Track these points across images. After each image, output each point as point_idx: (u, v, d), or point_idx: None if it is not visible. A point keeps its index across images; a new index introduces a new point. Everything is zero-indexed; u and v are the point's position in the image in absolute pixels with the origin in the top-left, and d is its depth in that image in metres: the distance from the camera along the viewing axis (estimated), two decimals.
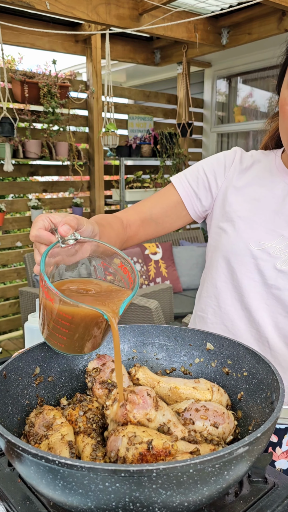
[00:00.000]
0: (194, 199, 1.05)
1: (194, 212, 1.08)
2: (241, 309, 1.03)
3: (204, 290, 1.10)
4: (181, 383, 0.75)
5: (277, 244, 0.94)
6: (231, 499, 0.58)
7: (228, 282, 1.02)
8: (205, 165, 1.07)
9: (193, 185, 1.05)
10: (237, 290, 1.01)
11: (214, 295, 1.06)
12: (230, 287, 1.02)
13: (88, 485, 0.46)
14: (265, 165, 1.03)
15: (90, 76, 4.41)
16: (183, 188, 1.04)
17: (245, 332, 1.03)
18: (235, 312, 1.04)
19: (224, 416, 0.67)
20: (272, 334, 0.99)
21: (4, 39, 3.60)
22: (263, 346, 1.00)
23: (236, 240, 0.98)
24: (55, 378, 0.80)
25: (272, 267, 0.95)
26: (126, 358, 0.88)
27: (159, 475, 0.44)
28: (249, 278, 0.98)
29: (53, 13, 3.19)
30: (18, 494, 0.59)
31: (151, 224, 1.04)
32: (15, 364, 0.72)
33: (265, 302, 0.99)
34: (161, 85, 5.82)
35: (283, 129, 0.90)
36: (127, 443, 0.57)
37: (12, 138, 3.75)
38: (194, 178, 1.05)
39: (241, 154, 1.08)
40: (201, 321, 1.11)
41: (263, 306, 0.99)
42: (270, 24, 3.89)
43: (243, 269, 0.98)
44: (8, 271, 4.25)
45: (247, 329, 1.03)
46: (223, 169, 1.05)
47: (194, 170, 1.07)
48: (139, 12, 3.60)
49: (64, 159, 4.15)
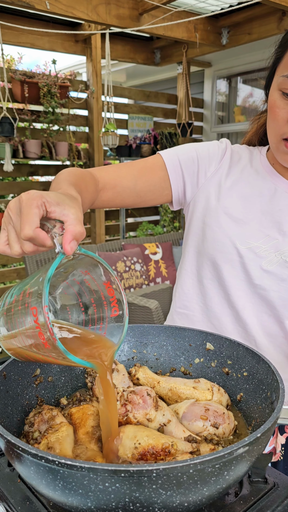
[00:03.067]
0: (181, 182, 1.00)
1: (177, 195, 1.03)
2: (228, 308, 1.01)
3: (186, 286, 1.07)
4: (181, 383, 0.75)
5: (263, 244, 0.94)
6: (231, 499, 0.58)
7: (214, 279, 1.01)
8: (199, 150, 1.01)
9: (183, 167, 0.99)
10: (223, 288, 1.00)
11: (201, 292, 1.04)
12: (216, 285, 1.01)
13: (88, 485, 0.46)
14: (252, 162, 1.03)
15: (90, 76, 4.41)
16: (173, 167, 0.98)
17: (233, 331, 1.01)
18: (222, 311, 1.02)
19: (224, 417, 0.67)
20: (259, 333, 0.99)
21: (4, 39, 3.60)
22: (250, 345, 1.00)
23: (222, 237, 0.96)
24: (55, 378, 0.80)
25: (258, 266, 0.94)
26: (126, 358, 0.88)
27: (159, 475, 0.44)
28: (235, 277, 0.97)
29: (53, 13, 3.19)
30: (18, 494, 0.59)
31: (131, 195, 0.96)
32: (15, 364, 0.72)
33: (250, 301, 0.98)
34: (161, 85, 5.81)
35: (271, 130, 0.91)
36: (127, 443, 0.57)
37: (12, 138, 3.74)
38: (185, 160, 0.99)
39: (231, 148, 1.06)
40: (184, 318, 1.08)
41: (248, 305, 0.98)
42: (270, 24, 3.89)
43: (229, 267, 0.97)
44: (8, 271, 4.25)
45: (234, 328, 1.01)
46: (215, 161, 1.01)
47: (186, 151, 1.01)
48: (139, 12, 3.60)
49: (64, 159, 4.15)
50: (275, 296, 0.95)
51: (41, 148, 4.03)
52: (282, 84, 0.85)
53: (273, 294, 0.95)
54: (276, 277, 0.94)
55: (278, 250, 0.93)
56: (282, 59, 0.87)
